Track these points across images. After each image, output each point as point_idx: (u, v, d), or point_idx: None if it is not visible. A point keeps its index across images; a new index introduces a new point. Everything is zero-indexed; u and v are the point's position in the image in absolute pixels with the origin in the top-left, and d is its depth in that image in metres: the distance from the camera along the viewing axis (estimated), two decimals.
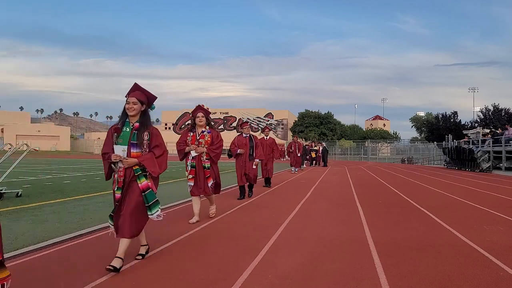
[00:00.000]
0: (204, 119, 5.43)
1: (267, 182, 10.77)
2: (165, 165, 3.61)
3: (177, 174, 15.52)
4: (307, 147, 24.81)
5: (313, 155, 25.58)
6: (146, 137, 3.51)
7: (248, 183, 8.22)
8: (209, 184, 5.39)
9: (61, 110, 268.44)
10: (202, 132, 5.43)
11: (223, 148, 5.69)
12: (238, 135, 8.17)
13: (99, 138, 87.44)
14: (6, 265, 3.44)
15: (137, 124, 3.54)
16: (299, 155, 18.29)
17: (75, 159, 37.21)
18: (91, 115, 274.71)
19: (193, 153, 5.37)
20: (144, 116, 3.60)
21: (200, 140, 5.38)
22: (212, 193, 5.55)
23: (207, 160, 5.38)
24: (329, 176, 15.51)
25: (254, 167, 8.09)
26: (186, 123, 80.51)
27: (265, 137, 11.01)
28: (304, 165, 22.84)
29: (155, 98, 3.78)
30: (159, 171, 3.53)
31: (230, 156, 8.30)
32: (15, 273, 3.25)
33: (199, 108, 5.49)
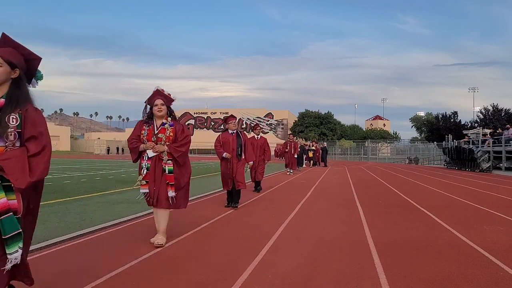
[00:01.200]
0: (164, 107, 4.15)
1: (257, 186, 9.71)
2: (43, 169, 2.19)
3: None
4: (306, 146, 24.31)
5: (310, 154, 24.32)
6: (14, 122, 2.17)
7: (235, 189, 6.81)
8: (170, 194, 4.10)
9: (61, 110, 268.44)
10: (162, 124, 4.16)
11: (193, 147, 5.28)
12: (223, 132, 6.91)
13: (99, 138, 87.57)
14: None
15: (1, 100, 2.21)
16: (295, 156, 16.98)
17: (75, 159, 37.20)
18: (91, 115, 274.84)
19: (149, 153, 4.10)
20: (16, 89, 2.26)
21: (159, 136, 4.10)
22: (171, 207, 4.21)
23: (169, 162, 4.11)
24: (329, 176, 15.51)
25: (248, 169, 7.30)
26: (186, 123, 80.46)
27: (255, 137, 9.88)
28: (305, 165, 22.73)
29: (37, 57, 2.45)
30: (30, 180, 2.11)
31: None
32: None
33: (157, 93, 4.21)
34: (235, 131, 6.82)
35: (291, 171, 16.94)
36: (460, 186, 11.45)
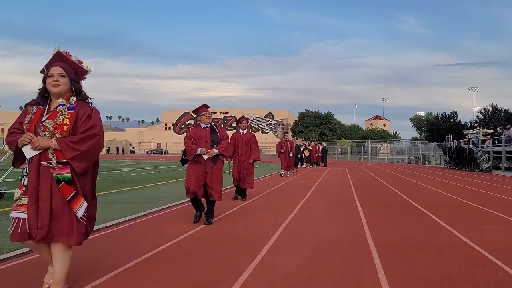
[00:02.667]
0: (64, 80, 2.72)
1: (242, 192, 7.92)
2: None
3: (176, 174, 15.53)
4: (301, 146, 23.05)
5: (306, 153, 22.88)
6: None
7: (207, 199, 5.42)
8: (78, 213, 2.61)
9: None
10: (57, 106, 2.70)
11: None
12: (194, 127, 5.66)
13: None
14: (5, 265, 3.45)
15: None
16: (291, 154, 15.73)
17: None
18: None
19: (26, 151, 2.63)
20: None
21: (44, 123, 2.63)
22: (73, 242, 2.62)
23: (63, 166, 2.61)
24: (329, 176, 15.51)
25: (230, 171, 6.45)
26: (187, 123, 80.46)
27: (241, 132, 8.13)
28: (304, 165, 22.57)
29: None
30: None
31: (184, 162, 5.55)
32: (15, 273, 3.25)
33: (57, 57, 2.77)
34: (208, 125, 5.53)
35: (288, 173, 15.70)
36: (460, 186, 11.45)
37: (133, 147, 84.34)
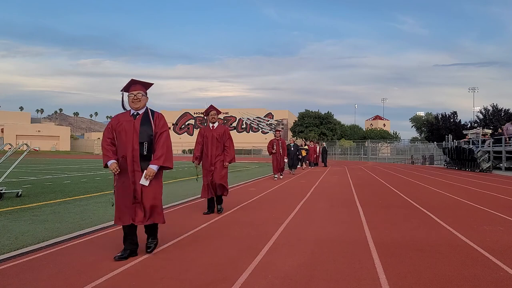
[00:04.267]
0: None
1: (218, 202, 6.24)
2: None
3: (176, 174, 15.53)
4: (300, 146, 21.86)
5: (303, 153, 21.95)
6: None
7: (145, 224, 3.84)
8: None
9: (61, 110, 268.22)
10: None
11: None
12: (117, 115, 3.90)
13: (99, 138, 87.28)
14: (5, 265, 3.45)
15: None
16: (286, 160, 14.29)
17: (75, 159, 37.20)
18: (91, 115, 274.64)
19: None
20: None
21: None
22: None
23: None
24: (329, 176, 15.51)
25: (199, 176, 5.49)
26: (186, 123, 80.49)
27: (210, 126, 6.29)
28: (300, 166, 22.20)
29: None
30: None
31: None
32: (15, 273, 3.25)
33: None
34: (137, 110, 3.80)
35: (282, 175, 14.19)
36: (460, 186, 11.45)
37: None
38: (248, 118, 78.43)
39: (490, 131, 23.19)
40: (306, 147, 24.58)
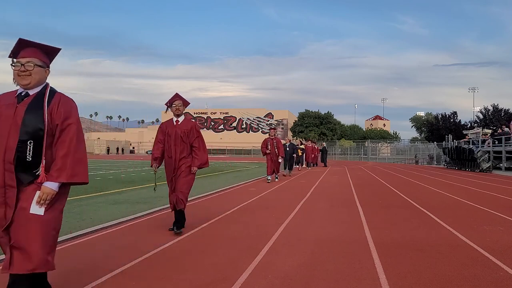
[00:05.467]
0: None
1: (178, 220, 4.73)
2: None
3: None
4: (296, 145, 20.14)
5: (299, 153, 20.43)
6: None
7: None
8: None
9: None
10: None
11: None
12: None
13: (99, 138, 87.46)
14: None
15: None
16: (280, 160, 12.95)
17: None
18: (91, 115, 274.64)
19: None
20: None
21: None
22: None
23: None
24: (329, 176, 15.51)
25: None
26: None
27: (174, 121, 4.99)
28: (302, 166, 22.08)
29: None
30: None
31: None
32: None
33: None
34: (36, 90, 2.46)
35: (277, 177, 12.91)
36: (460, 186, 11.45)
37: (133, 147, 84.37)
38: (248, 118, 78.45)
39: (490, 131, 23.19)
40: (303, 146, 23.50)
